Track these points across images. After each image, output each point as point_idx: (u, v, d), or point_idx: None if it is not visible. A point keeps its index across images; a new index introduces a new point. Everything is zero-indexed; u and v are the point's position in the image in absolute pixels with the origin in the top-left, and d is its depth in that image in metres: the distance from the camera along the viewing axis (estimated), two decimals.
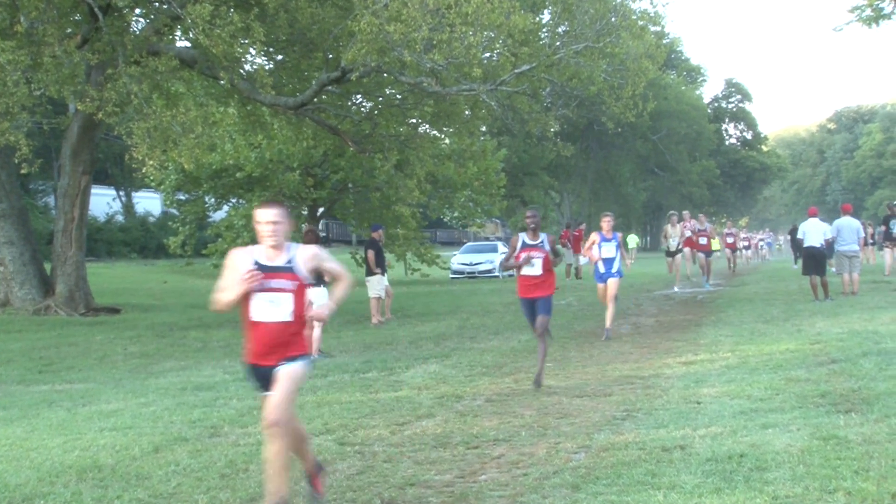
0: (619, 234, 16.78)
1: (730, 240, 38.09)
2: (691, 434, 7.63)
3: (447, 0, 17.94)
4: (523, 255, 11.34)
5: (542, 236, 11.50)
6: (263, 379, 6.08)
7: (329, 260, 6.35)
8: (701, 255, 27.80)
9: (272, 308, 5.99)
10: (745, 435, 7.48)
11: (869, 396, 8.76)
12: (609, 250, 16.18)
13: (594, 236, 16.56)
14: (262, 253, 6.14)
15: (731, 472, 6.38)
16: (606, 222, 16.35)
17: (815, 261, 20.57)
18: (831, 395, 9.03)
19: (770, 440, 7.21)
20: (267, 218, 6.11)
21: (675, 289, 25.99)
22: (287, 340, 6.00)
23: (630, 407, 9.22)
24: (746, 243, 51.20)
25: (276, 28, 20.43)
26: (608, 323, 15.96)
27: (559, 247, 15.15)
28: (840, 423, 7.68)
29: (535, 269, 11.36)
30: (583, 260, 38.28)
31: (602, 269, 16.28)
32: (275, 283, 5.99)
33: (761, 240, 63.60)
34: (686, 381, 10.48)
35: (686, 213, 31.03)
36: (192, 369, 13.67)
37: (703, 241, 27.40)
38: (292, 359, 6.00)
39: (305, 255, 6.16)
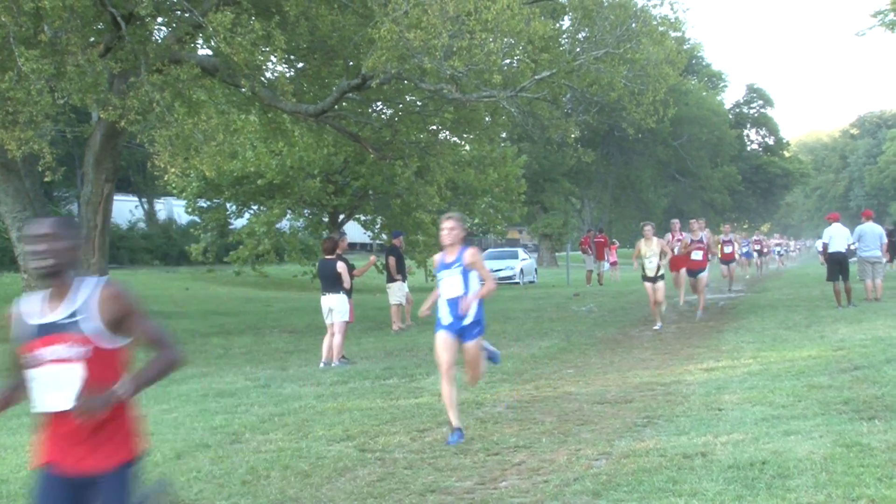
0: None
1: (728, 249, 30.43)
2: (713, 441, 7.60)
3: (467, 7, 17.95)
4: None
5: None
6: None
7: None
8: (700, 275, 21.45)
9: None
10: (767, 442, 7.44)
11: (893, 403, 8.70)
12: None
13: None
14: None
15: (753, 479, 6.35)
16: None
17: (840, 266, 20.46)
18: (854, 401, 8.97)
19: (792, 447, 7.17)
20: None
21: (657, 326, 18.45)
22: None
23: (651, 413, 9.19)
24: (758, 247, 47.04)
25: (297, 36, 20.51)
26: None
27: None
28: (863, 431, 7.63)
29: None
30: (605, 266, 38.33)
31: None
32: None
33: (777, 245, 60.01)
34: (707, 388, 10.44)
35: (676, 222, 23.83)
36: (213, 376, 13.72)
37: (696, 255, 21.20)
38: None
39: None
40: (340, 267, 14.93)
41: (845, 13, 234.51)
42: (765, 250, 48.59)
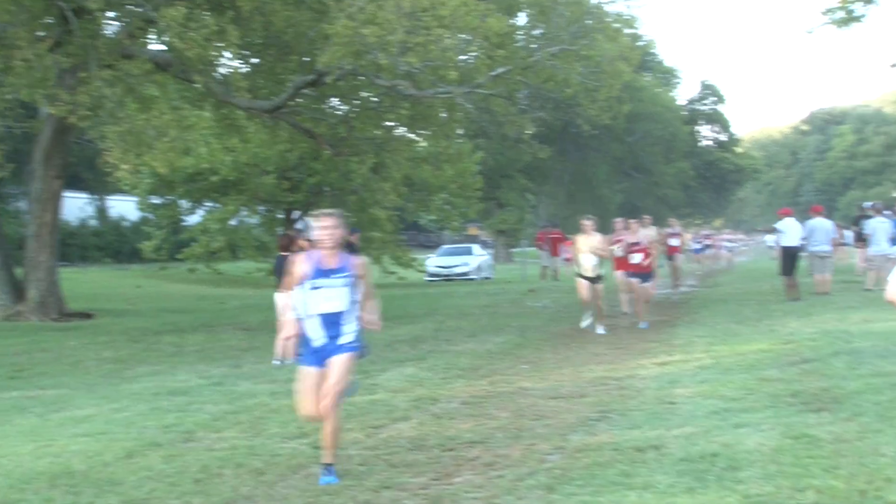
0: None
1: (674, 242, 28.31)
2: (665, 434, 7.66)
3: (423, 3, 17.96)
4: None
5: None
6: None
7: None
8: (635, 281, 18.18)
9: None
10: (718, 434, 7.52)
11: (840, 395, 8.84)
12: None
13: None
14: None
15: (704, 471, 6.42)
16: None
17: (793, 261, 20.77)
18: (803, 394, 9.10)
19: (742, 439, 7.25)
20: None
21: (583, 323, 17.39)
22: None
23: (605, 408, 9.25)
24: (709, 242, 45.72)
25: (251, 31, 20.38)
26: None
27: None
28: (811, 422, 7.74)
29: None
30: (560, 262, 38.44)
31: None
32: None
33: (728, 240, 58.24)
34: (660, 382, 10.53)
35: (619, 221, 19.70)
36: (166, 374, 13.60)
37: (635, 259, 17.92)
38: None
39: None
40: None
41: (796, 11, 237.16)
42: (715, 245, 48.15)
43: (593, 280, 16.82)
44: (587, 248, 16.78)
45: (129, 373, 14.05)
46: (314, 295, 7.04)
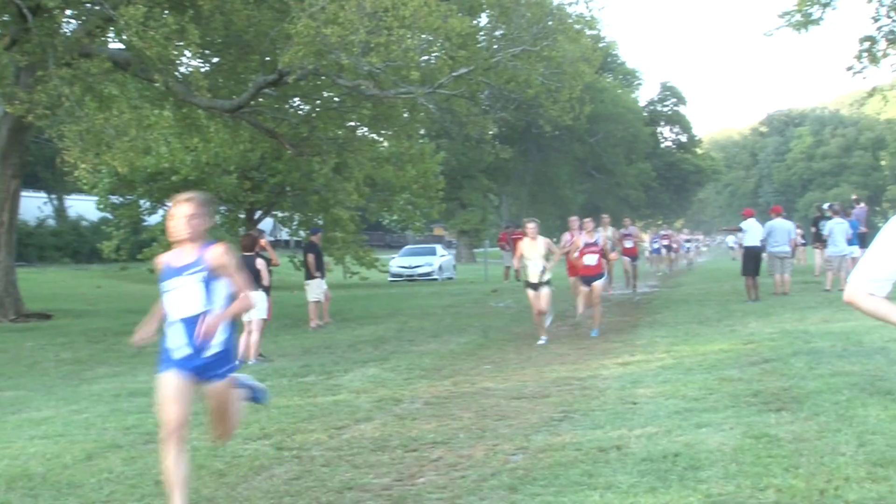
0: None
1: (628, 244, 27.46)
2: (627, 434, 7.70)
3: (385, 3, 17.93)
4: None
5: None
6: None
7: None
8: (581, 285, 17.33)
9: None
10: (679, 434, 7.57)
11: (799, 395, 8.92)
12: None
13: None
14: None
15: (665, 471, 6.45)
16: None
17: (755, 261, 20.98)
18: (763, 394, 9.18)
19: (704, 439, 7.30)
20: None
21: (541, 340, 15.54)
22: None
23: (567, 408, 9.28)
24: (667, 243, 43.50)
25: (212, 30, 20.25)
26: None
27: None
28: (771, 422, 7.81)
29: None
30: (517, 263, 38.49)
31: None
32: None
33: (688, 240, 56.86)
34: (622, 382, 10.58)
35: (574, 219, 19.11)
36: (126, 375, 13.49)
37: (589, 260, 16.48)
38: None
39: None
40: (259, 264, 14.81)
41: (754, 14, 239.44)
42: (674, 246, 46.81)
43: (537, 286, 15.62)
44: (533, 254, 15.57)
45: (89, 374, 13.92)
46: (168, 297, 6.02)
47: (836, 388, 9.05)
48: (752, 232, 21.44)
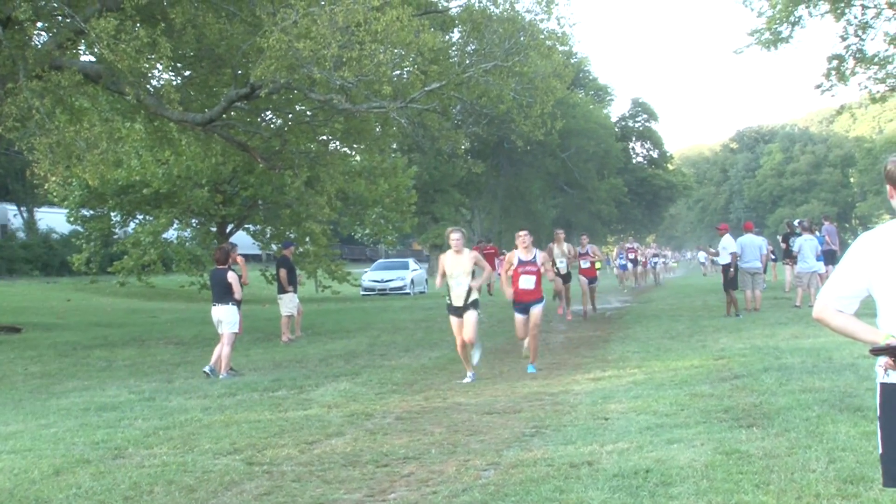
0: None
1: (584, 264, 24.52)
2: (599, 450, 7.71)
3: (357, 18, 17.93)
4: None
5: None
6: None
7: None
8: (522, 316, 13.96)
9: None
10: (650, 450, 7.59)
11: (770, 411, 8.97)
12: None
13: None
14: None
15: (637, 487, 6.47)
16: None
17: (729, 276, 21.17)
18: (734, 410, 9.22)
19: (675, 455, 7.33)
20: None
21: (467, 377, 12.87)
22: None
23: (539, 423, 9.29)
24: (633, 256, 42.61)
25: (184, 43, 20.19)
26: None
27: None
28: (742, 438, 7.85)
29: None
30: (495, 276, 38.49)
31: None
32: None
33: (655, 255, 53.85)
34: (594, 398, 10.60)
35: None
36: (95, 389, 13.38)
37: (526, 283, 13.60)
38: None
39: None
40: (231, 277, 14.77)
41: (724, 31, 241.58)
42: (640, 259, 45.36)
43: (460, 310, 12.86)
44: (457, 270, 12.78)
45: (58, 388, 13.80)
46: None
47: (806, 404, 9.11)
48: (730, 247, 21.57)
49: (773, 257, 33.73)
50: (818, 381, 10.42)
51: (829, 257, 23.88)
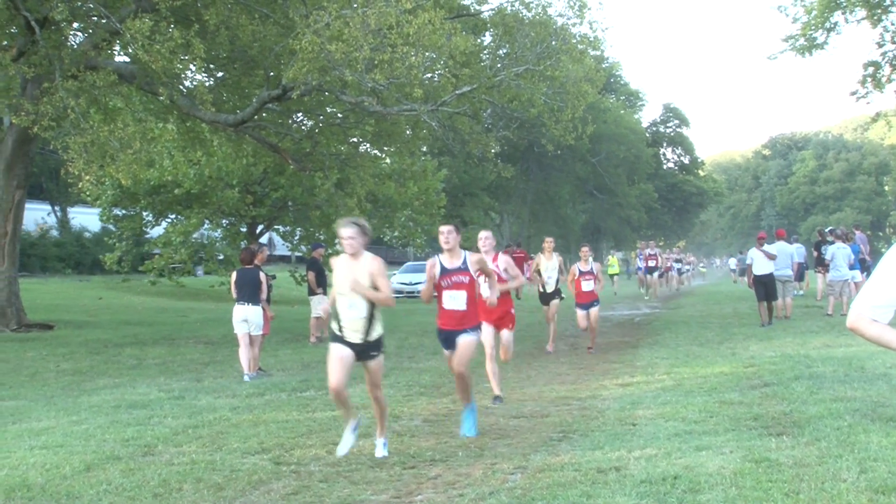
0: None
1: (587, 286, 17.05)
2: (626, 456, 7.67)
3: (389, 20, 17.99)
4: None
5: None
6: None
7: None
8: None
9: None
10: (679, 457, 7.54)
11: (800, 420, 8.89)
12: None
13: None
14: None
15: (665, 493, 6.43)
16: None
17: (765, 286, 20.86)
18: (764, 417, 9.15)
19: (703, 462, 7.28)
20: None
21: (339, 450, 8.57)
22: None
23: (566, 428, 9.26)
24: (653, 263, 38.73)
25: (217, 45, 20.33)
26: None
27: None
28: (772, 446, 7.78)
29: None
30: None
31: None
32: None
33: (678, 260, 48.79)
34: (622, 403, 10.56)
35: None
36: (126, 387, 13.47)
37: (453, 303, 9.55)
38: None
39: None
40: (262, 277, 14.83)
41: (758, 37, 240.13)
42: (659, 264, 40.56)
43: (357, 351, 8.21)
44: (347, 286, 8.06)
45: (89, 385, 13.90)
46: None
47: (837, 413, 9.02)
48: (761, 257, 21.27)
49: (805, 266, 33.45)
50: (850, 391, 10.32)
51: (861, 266, 23.64)
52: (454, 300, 9.34)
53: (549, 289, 16.57)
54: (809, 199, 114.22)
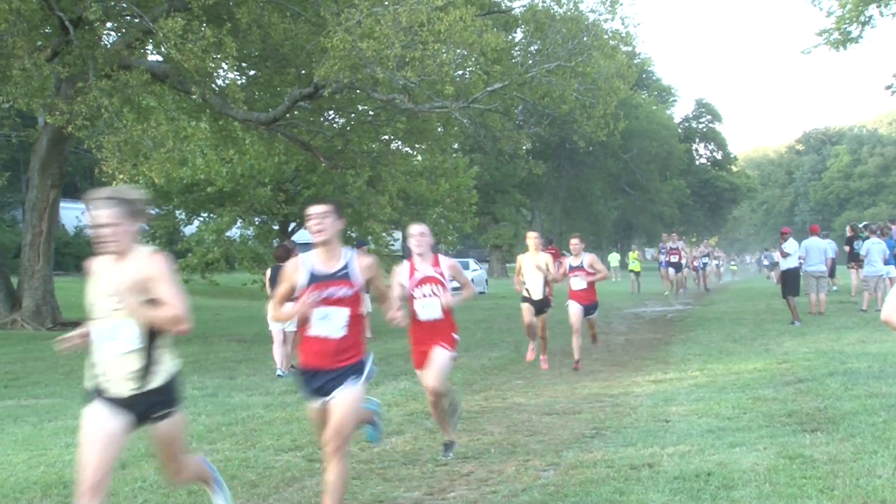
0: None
1: (577, 284, 14.96)
2: (659, 452, 7.65)
3: (420, 18, 18.00)
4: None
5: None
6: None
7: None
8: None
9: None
10: (712, 453, 7.52)
11: (835, 416, 8.83)
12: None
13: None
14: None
15: (698, 490, 6.41)
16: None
17: (795, 281, 20.67)
18: (798, 414, 9.09)
19: (737, 459, 7.25)
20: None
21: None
22: None
23: (599, 425, 9.24)
24: (675, 259, 35.63)
25: (249, 43, 20.42)
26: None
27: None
28: (806, 443, 7.73)
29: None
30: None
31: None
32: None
33: (706, 255, 43.67)
34: (655, 400, 10.52)
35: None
36: None
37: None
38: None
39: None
40: None
41: (792, 31, 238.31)
42: (685, 261, 38.06)
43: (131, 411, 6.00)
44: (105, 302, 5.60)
45: None
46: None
47: (872, 409, 8.95)
48: (796, 251, 21.11)
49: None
50: (885, 387, 10.24)
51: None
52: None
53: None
54: (843, 194, 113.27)
